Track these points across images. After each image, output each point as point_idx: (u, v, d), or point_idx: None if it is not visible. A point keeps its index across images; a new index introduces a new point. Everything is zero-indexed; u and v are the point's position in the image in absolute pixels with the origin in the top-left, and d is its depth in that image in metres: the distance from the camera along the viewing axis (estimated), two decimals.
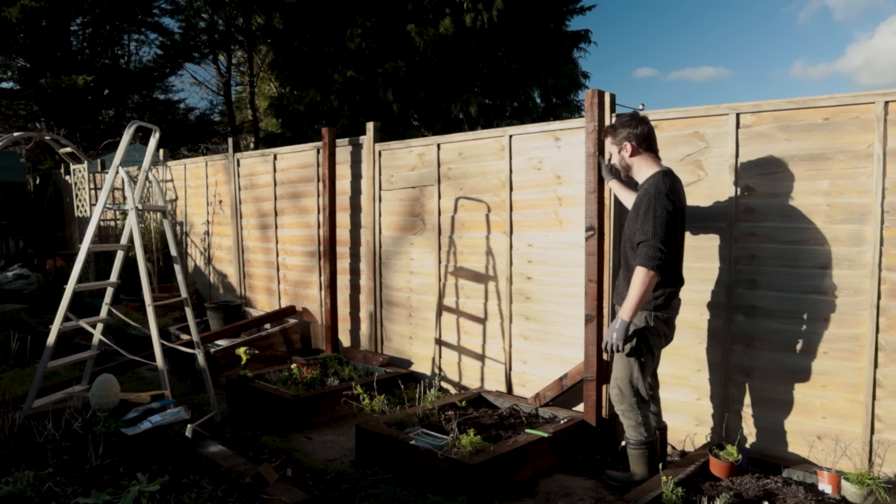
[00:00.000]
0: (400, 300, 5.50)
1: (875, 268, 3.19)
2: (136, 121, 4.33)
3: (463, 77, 12.79)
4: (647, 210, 3.07)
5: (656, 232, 3.02)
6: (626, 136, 3.26)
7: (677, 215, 3.12)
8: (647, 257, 3.01)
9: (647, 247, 3.02)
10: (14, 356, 5.72)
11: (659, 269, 3.02)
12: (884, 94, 3.14)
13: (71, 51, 17.58)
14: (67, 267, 9.83)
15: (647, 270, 3.01)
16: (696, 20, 71.47)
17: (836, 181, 3.30)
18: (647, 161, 3.26)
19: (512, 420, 4.09)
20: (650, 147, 3.27)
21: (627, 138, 3.25)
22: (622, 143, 3.28)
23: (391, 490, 3.38)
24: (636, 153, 3.26)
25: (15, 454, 3.22)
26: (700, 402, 3.78)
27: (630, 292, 3.05)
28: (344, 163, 5.90)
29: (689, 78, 71.14)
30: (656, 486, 3.01)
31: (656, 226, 3.03)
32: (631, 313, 3.06)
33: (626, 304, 3.06)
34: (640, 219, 3.10)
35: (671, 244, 3.09)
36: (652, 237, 3.02)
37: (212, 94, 22.84)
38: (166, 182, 8.56)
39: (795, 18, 72.64)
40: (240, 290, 7.46)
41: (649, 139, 3.26)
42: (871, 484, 2.93)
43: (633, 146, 3.25)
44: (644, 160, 3.26)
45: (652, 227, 3.03)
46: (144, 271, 4.12)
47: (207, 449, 3.34)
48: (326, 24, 13.22)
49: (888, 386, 3.20)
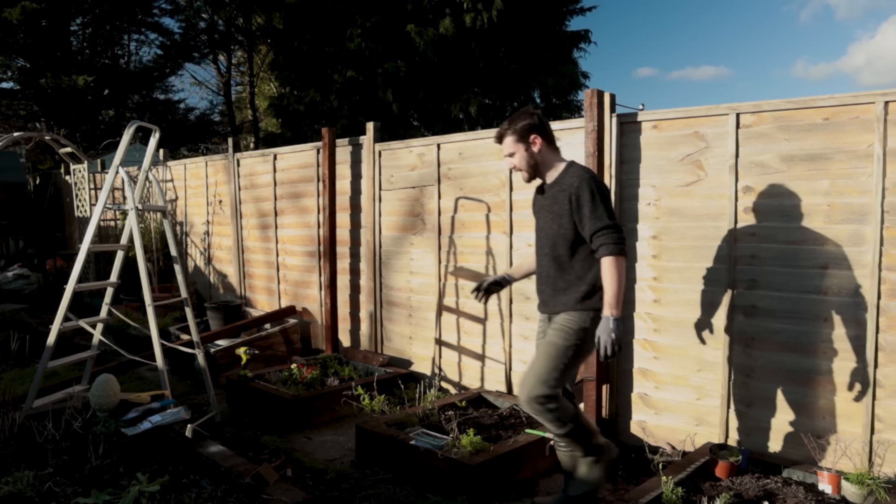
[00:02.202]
0: (400, 300, 5.50)
1: (875, 268, 3.19)
2: (136, 121, 4.33)
3: (463, 77, 12.79)
4: (591, 196, 2.81)
5: (610, 214, 2.81)
6: (532, 128, 2.97)
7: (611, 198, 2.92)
8: (612, 243, 2.77)
9: (609, 233, 2.78)
10: (14, 356, 5.71)
11: (625, 252, 2.80)
12: (884, 94, 3.14)
13: (71, 51, 17.57)
14: (67, 267, 9.83)
15: (616, 257, 2.76)
16: (697, 19, 71.54)
17: (836, 181, 3.30)
18: (555, 156, 3.03)
19: (512, 420, 4.09)
20: (552, 139, 3.05)
21: (534, 131, 2.97)
22: (531, 136, 2.97)
23: (391, 490, 3.38)
24: (545, 148, 3.00)
25: (15, 454, 3.22)
26: (700, 402, 3.78)
27: (608, 286, 2.78)
28: (344, 163, 5.90)
29: (690, 77, 71.17)
30: (656, 486, 3.01)
31: (607, 209, 2.82)
32: (617, 307, 2.77)
33: (608, 299, 2.77)
34: (583, 209, 2.82)
35: None
36: (609, 220, 2.79)
37: (212, 94, 22.86)
38: (166, 182, 8.56)
39: (797, 17, 72.71)
40: (240, 290, 7.46)
41: (551, 131, 3.04)
42: (871, 484, 2.93)
43: (542, 140, 2.98)
44: (552, 154, 3.02)
45: (604, 210, 2.80)
46: (144, 271, 4.12)
47: (207, 449, 3.34)
48: (326, 24, 13.22)
49: (888, 386, 3.20)
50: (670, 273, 3.86)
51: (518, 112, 3.06)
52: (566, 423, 2.92)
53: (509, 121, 3.04)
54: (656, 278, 3.92)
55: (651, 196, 3.92)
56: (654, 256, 3.92)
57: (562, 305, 2.95)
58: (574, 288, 2.92)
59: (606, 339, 2.77)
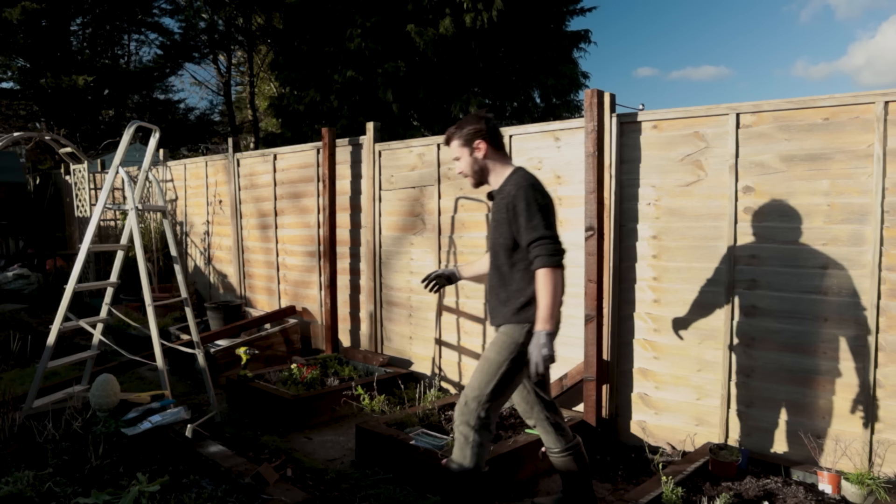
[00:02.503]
0: (400, 300, 5.50)
1: (875, 268, 3.19)
2: (136, 121, 4.33)
3: (463, 77, 12.79)
4: (527, 205, 2.69)
5: (547, 224, 2.68)
6: (477, 133, 2.86)
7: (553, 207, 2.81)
8: (548, 254, 2.64)
9: (544, 243, 2.65)
10: (14, 356, 5.72)
11: (562, 264, 2.67)
12: (884, 94, 3.14)
13: (71, 51, 17.58)
14: (67, 267, 9.83)
15: (551, 269, 2.62)
16: (697, 19, 71.56)
17: (836, 181, 3.30)
18: (502, 160, 2.90)
19: (512, 420, 4.08)
20: (501, 145, 2.92)
21: (479, 136, 2.86)
22: (475, 141, 2.86)
23: (391, 490, 3.38)
24: (490, 154, 2.87)
25: (15, 454, 3.22)
26: (700, 402, 3.78)
27: (541, 300, 2.64)
28: (344, 163, 5.90)
29: (690, 77, 71.20)
30: (656, 486, 3.01)
31: (544, 218, 2.68)
32: (551, 321, 2.64)
33: (541, 313, 2.63)
34: (519, 218, 2.70)
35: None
36: (545, 231, 2.67)
37: (212, 94, 22.87)
38: (166, 182, 8.56)
39: (797, 17, 72.73)
40: (240, 290, 7.46)
41: (499, 136, 2.92)
42: (871, 484, 2.93)
43: (488, 145, 2.86)
44: (499, 160, 2.90)
45: (541, 220, 2.67)
46: (144, 271, 4.12)
47: (207, 449, 3.34)
48: (326, 24, 13.22)
49: (888, 386, 3.20)
50: (670, 273, 3.86)
51: (469, 115, 2.99)
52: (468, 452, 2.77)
53: (458, 124, 2.95)
54: (656, 278, 3.92)
55: (651, 196, 3.92)
56: (654, 256, 3.92)
57: (502, 317, 2.84)
58: (514, 300, 2.80)
59: (536, 355, 2.62)
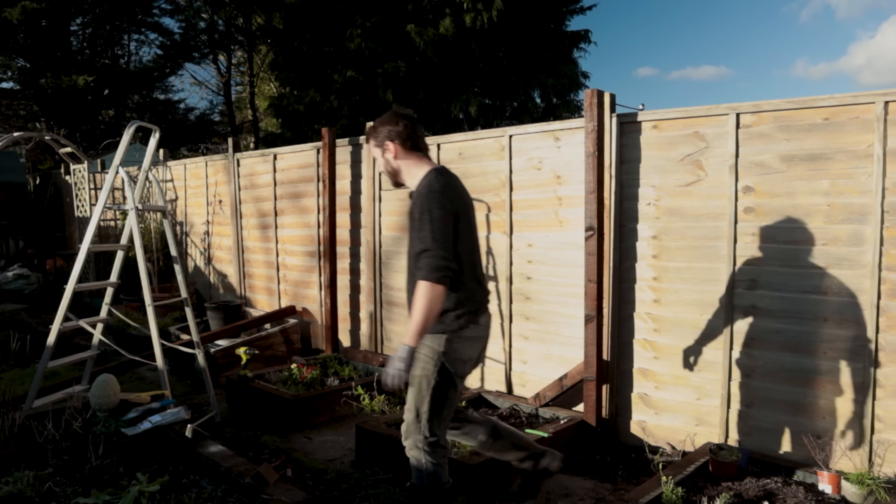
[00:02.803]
0: (400, 300, 5.50)
1: (875, 268, 3.19)
2: (136, 121, 4.33)
3: (463, 77, 12.79)
4: (421, 214, 2.59)
5: (435, 237, 2.54)
6: (388, 134, 2.78)
7: (458, 216, 2.65)
8: (429, 268, 2.52)
9: (428, 256, 2.53)
10: (14, 356, 5.72)
11: (444, 280, 2.53)
12: (884, 94, 3.14)
13: (71, 51, 17.58)
14: (67, 267, 9.83)
15: (430, 284, 2.51)
16: (697, 19, 71.49)
17: (836, 181, 3.30)
18: (416, 162, 2.80)
19: (512, 420, 4.09)
20: (416, 146, 2.81)
21: (389, 137, 2.78)
22: (383, 143, 2.80)
23: (391, 490, 3.38)
24: (401, 154, 2.79)
25: (15, 454, 3.23)
26: (700, 402, 3.78)
27: (414, 313, 2.55)
28: (344, 163, 5.90)
29: (690, 77, 71.16)
30: (656, 486, 3.01)
31: (434, 230, 2.55)
32: (417, 336, 2.56)
33: (410, 327, 2.55)
34: (413, 225, 2.62)
35: (455, 250, 2.62)
36: (431, 244, 2.54)
37: (212, 94, 22.83)
38: (166, 182, 8.56)
39: (797, 17, 72.70)
40: (240, 290, 7.46)
41: (415, 137, 2.80)
42: (871, 484, 2.93)
43: (397, 146, 2.78)
44: (413, 161, 2.80)
45: (430, 232, 2.55)
46: (144, 271, 4.12)
47: (207, 449, 3.35)
48: (326, 24, 13.22)
49: (888, 386, 3.20)
50: (670, 273, 3.86)
51: (387, 114, 2.89)
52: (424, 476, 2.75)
53: (374, 123, 2.89)
54: (656, 278, 3.92)
55: (651, 196, 3.92)
56: (654, 256, 3.92)
57: None
58: None
59: (389, 368, 2.56)
